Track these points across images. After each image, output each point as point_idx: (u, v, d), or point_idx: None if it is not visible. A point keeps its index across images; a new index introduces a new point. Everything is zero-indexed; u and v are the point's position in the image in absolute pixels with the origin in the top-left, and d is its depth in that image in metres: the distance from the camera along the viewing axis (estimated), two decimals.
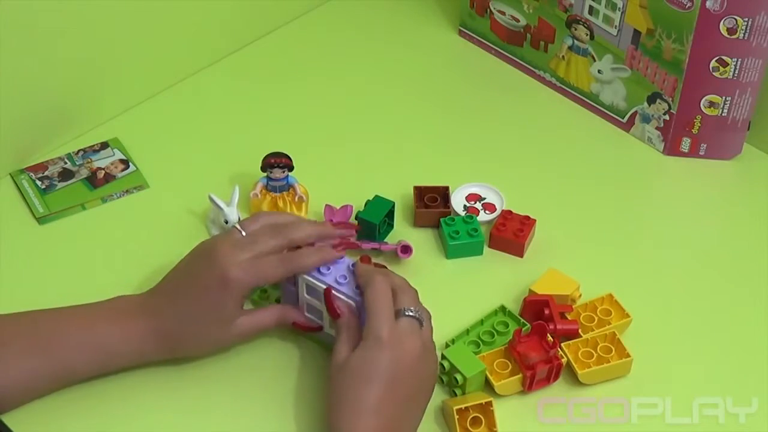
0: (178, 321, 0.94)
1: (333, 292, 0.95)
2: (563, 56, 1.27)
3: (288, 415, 0.96)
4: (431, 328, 0.94)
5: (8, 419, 0.93)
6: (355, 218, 1.10)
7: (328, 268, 0.96)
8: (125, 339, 0.93)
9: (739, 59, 1.13)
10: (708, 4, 1.10)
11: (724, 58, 1.14)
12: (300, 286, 0.97)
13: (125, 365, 0.95)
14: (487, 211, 1.14)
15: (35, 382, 0.92)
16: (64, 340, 0.93)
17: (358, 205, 1.11)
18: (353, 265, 0.96)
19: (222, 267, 0.92)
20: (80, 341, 0.93)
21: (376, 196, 1.11)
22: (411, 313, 0.91)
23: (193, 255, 0.96)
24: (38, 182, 1.15)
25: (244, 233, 0.95)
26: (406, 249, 1.07)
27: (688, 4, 1.11)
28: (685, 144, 1.21)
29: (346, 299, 0.94)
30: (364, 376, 0.87)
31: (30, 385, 0.92)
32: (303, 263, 0.95)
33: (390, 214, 1.11)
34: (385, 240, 1.10)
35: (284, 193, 1.12)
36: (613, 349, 0.99)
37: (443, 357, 0.96)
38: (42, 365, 0.92)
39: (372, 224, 1.08)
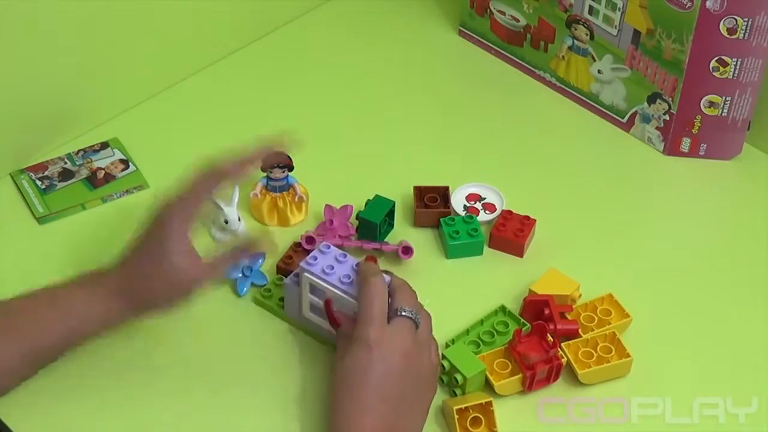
0: (129, 272, 0.94)
1: (336, 293, 0.95)
2: (563, 56, 1.27)
3: (288, 414, 0.96)
4: (430, 329, 0.94)
5: (8, 419, 0.93)
6: (356, 218, 1.10)
7: (332, 268, 0.96)
8: (89, 305, 0.93)
9: (739, 59, 1.13)
10: (708, 4, 1.10)
11: (724, 58, 1.14)
12: (303, 285, 0.97)
13: (95, 333, 0.95)
14: (487, 211, 1.14)
15: (12, 365, 0.93)
16: (30, 317, 0.93)
17: (359, 205, 1.11)
18: (357, 264, 0.96)
19: (159, 217, 0.94)
20: (46, 315, 0.93)
21: (377, 196, 1.11)
22: (405, 313, 0.91)
23: (143, 223, 0.97)
24: (38, 182, 1.15)
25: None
26: (407, 250, 1.07)
27: (688, 4, 1.11)
28: (685, 144, 1.21)
29: (349, 299, 0.94)
30: (355, 377, 0.89)
31: (6, 370, 0.93)
32: (225, 173, 0.96)
33: (390, 214, 1.11)
34: (386, 240, 1.10)
35: (284, 193, 1.12)
36: (613, 349, 0.99)
37: (443, 357, 0.96)
38: (13, 350, 0.92)
39: (373, 224, 1.08)
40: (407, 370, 0.90)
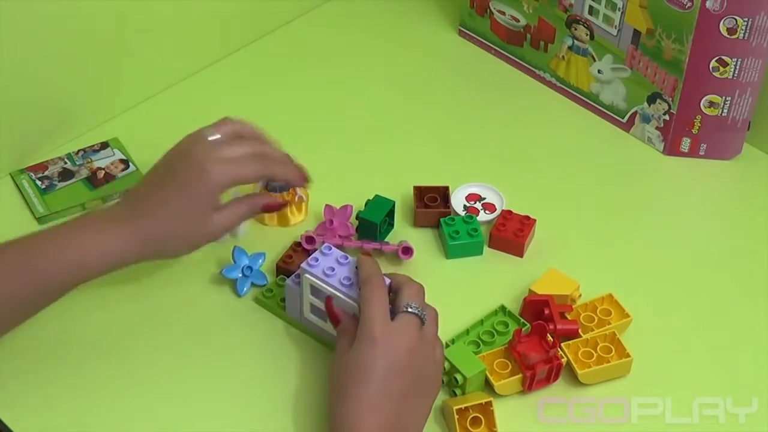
0: (155, 219, 0.94)
1: (336, 295, 0.95)
2: (563, 56, 1.27)
3: (289, 415, 0.96)
4: (436, 327, 0.94)
5: (6, 418, 0.93)
6: (356, 218, 1.10)
7: (333, 270, 0.96)
8: (100, 246, 0.93)
9: (739, 59, 1.13)
10: (708, 4, 1.10)
11: (724, 58, 1.14)
12: (303, 286, 0.97)
13: (101, 272, 0.94)
14: (487, 211, 1.14)
15: (13, 302, 0.92)
16: (36, 255, 0.92)
17: (358, 205, 1.11)
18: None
19: (200, 161, 0.95)
20: (53, 253, 0.92)
21: (377, 196, 1.11)
22: (411, 309, 0.91)
23: (167, 157, 0.97)
24: (38, 182, 1.15)
25: (218, 136, 0.98)
26: (407, 250, 1.07)
27: (688, 4, 1.11)
28: (685, 144, 1.21)
29: (349, 301, 0.94)
30: (359, 374, 0.88)
31: (8, 308, 0.92)
32: (276, 171, 0.99)
33: (390, 214, 1.11)
34: (386, 240, 1.10)
35: (284, 193, 1.11)
36: (613, 349, 0.99)
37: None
38: (17, 285, 0.91)
39: (373, 224, 1.08)
40: (411, 367, 0.89)
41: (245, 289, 1.05)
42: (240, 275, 1.05)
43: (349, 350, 0.90)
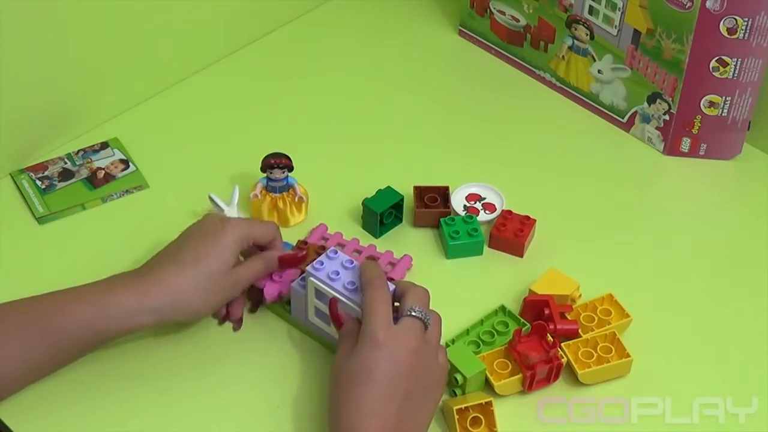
0: (183, 272, 0.95)
1: (340, 299, 0.95)
2: (563, 56, 1.27)
3: (291, 417, 0.96)
4: (440, 331, 0.93)
5: (6, 418, 0.93)
6: (361, 204, 1.10)
7: (338, 274, 0.96)
8: (121, 303, 0.93)
9: (739, 59, 1.13)
10: (708, 4, 1.10)
11: (724, 58, 1.14)
12: (309, 290, 0.97)
13: (117, 331, 0.94)
14: (487, 211, 1.14)
15: (32, 358, 0.92)
16: (58, 312, 0.93)
17: (357, 205, 1.11)
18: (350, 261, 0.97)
19: (218, 218, 0.99)
20: (75, 311, 0.93)
21: (388, 187, 1.11)
22: (415, 313, 0.91)
23: (185, 232, 0.99)
24: (38, 182, 1.15)
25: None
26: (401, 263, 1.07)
27: (688, 4, 1.11)
28: (685, 144, 1.21)
29: (353, 306, 0.94)
30: (361, 377, 0.88)
31: (27, 363, 0.92)
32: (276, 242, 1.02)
33: (398, 207, 1.11)
34: (391, 233, 1.11)
35: (284, 193, 1.12)
36: (613, 349, 0.99)
37: None
38: (36, 339, 0.92)
39: (374, 213, 1.09)
40: (414, 370, 0.89)
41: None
42: None
43: (352, 353, 0.90)
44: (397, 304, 0.93)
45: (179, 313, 0.96)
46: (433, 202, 1.13)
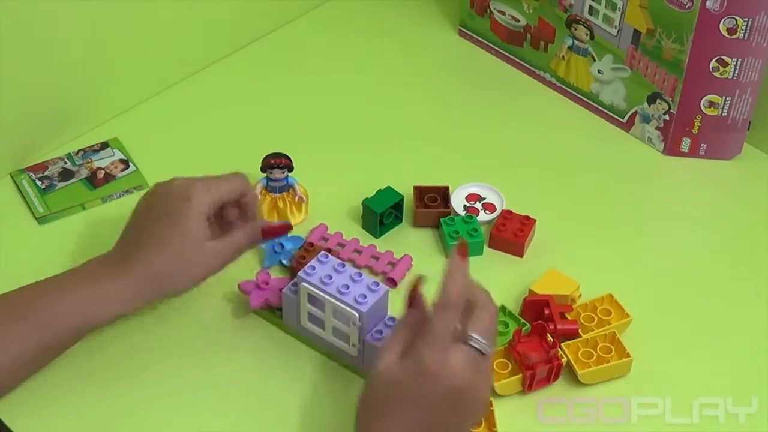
0: (154, 259, 0.94)
1: (334, 305, 0.94)
2: (563, 56, 1.27)
3: (277, 418, 0.96)
4: (493, 359, 0.88)
5: (4, 416, 0.93)
6: (361, 204, 1.10)
7: (331, 278, 0.95)
8: (104, 291, 0.93)
9: (739, 59, 1.13)
10: (708, 4, 1.10)
11: (724, 58, 1.14)
12: (301, 295, 0.97)
13: (109, 318, 0.95)
14: (487, 211, 1.14)
15: (25, 349, 0.92)
16: (42, 303, 0.93)
17: (357, 205, 1.11)
18: (358, 274, 0.95)
19: (179, 188, 0.96)
20: (58, 301, 0.93)
21: (388, 187, 1.11)
22: (474, 344, 0.83)
23: (145, 198, 0.98)
24: (38, 182, 1.15)
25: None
26: (391, 280, 1.06)
27: (688, 4, 1.11)
28: (685, 144, 1.21)
29: (349, 310, 0.94)
30: (399, 397, 0.83)
31: (21, 355, 0.92)
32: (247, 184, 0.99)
33: (397, 207, 1.11)
34: (391, 234, 1.11)
35: (284, 193, 1.12)
36: (613, 349, 0.99)
37: None
38: (27, 331, 0.92)
39: (374, 213, 1.09)
40: (457, 404, 0.82)
41: (269, 263, 1.05)
42: (271, 248, 1.05)
43: (398, 362, 0.84)
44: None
45: (162, 293, 0.96)
46: (433, 202, 1.13)
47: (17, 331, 0.92)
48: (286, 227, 1.00)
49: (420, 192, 1.13)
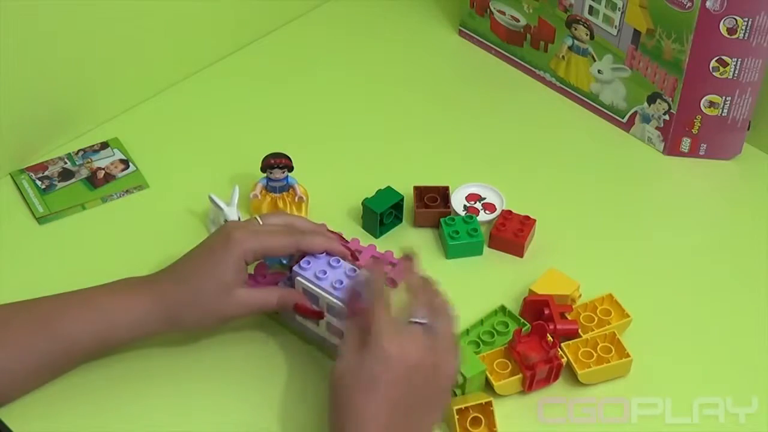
0: (178, 282, 0.94)
1: (328, 298, 0.94)
2: (563, 56, 1.27)
3: (277, 418, 0.96)
4: (451, 334, 0.90)
5: (6, 419, 0.93)
6: (361, 204, 1.10)
7: (325, 273, 0.95)
8: (126, 309, 0.93)
9: (739, 59, 1.13)
10: (708, 4, 1.10)
11: (724, 58, 1.14)
12: (296, 290, 0.97)
13: (127, 338, 0.95)
14: (487, 211, 1.14)
15: (39, 359, 0.93)
16: (65, 314, 0.93)
17: (357, 205, 1.11)
18: (353, 270, 0.96)
19: (227, 230, 0.95)
20: (81, 314, 0.93)
21: (388, 187, 1.11)
22: (418, 320, 0.88)
23: (201, 243, 0.98)
24: (38, 182, 1.15)
25: (260, 222, 0.98)
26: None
27: (688, 4, 1.11)
28: (685, 144, 1.21)
29: (341, 305, 0.94)
30: (363, 385, 0.86)
31: (34, 365, 0.93)
32: (308, 243, 0.96)
33: (398, 207, 1.11)
34: (391, 233, 1.11)
35: (284, 193, 1.12)
36: (613, 349, 0.99)
37: None
38: (43, 341, 0.92)
39: (374, 213, 1.09)
40: (419, 382, 0.86)
41: (269, 263, 1.05)
42: None
43: (356, 356, 0.87)
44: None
45: (176, 327, 0.96)
46: (433, 202, 1.13)
47: (34, 341, 0.92)
48: (319, 314, 0.97)
49: (420, 192, 1.13)
